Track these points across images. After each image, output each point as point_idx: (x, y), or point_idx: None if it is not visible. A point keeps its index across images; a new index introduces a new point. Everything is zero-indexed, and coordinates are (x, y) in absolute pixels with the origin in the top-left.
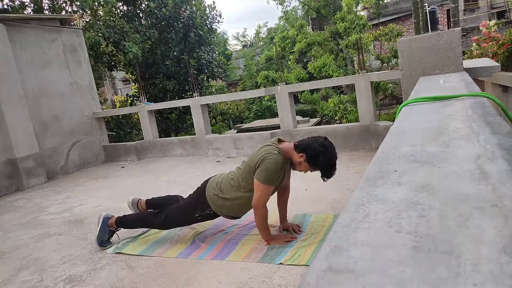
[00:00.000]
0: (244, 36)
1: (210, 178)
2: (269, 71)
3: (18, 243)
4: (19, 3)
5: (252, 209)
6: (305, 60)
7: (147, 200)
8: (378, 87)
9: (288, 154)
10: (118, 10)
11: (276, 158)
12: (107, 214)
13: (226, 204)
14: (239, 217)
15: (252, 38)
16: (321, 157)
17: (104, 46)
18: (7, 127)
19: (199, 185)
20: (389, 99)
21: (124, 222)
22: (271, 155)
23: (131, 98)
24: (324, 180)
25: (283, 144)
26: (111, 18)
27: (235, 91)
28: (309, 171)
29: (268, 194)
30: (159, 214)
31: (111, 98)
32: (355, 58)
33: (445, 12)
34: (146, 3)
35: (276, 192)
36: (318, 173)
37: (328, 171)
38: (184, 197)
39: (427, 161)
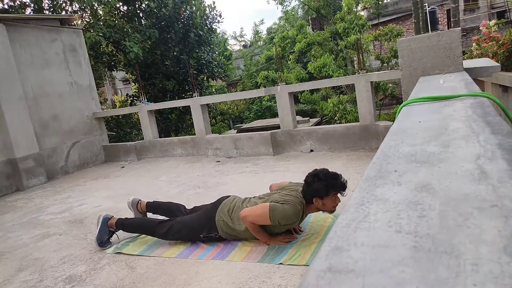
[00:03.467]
0: (242, 36)
1: (222, 199)
2: (269, 71)
3: (18, 243)
4: (19, 3)
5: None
6: (305, 60)
7: (148, 203)
8: (378, 87)
9: (310, 209)
10: (118, 10)
11: (296, 207)
12: (106, 214)
13: (234, 232)
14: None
15: (251, 38)
16: (315, 185)
17: (104, 46)
18: (7, 127)
19: (208, 204)
20: (389, 99)
21: (125, 225)
22: (294, 206)
23: (131, 98)
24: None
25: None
26: (112, 18)
27: (235, 91)
28: (336, 201)
29: (261, 222)
30: (163, 224)
31: (111, 98)
32: (355, 58)
33: (445, 12)
34: (146, 3)
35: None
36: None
37: (333, 185)
38: (187, 207)
39: (427, 161)
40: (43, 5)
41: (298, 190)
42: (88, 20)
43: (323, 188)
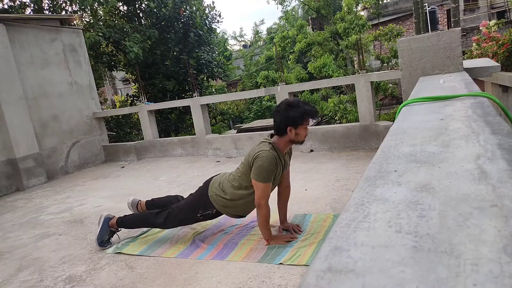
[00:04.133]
0: (242, 36)
1: (212, 177)
2: (269, 71)
3: (18, 243)
4: (19, 3)
5: (256, 208)
6: (305, 60)
7: (147, 201)
8: (378, 87)
9: (281, 144)
10: (118, 10)
11: (268, 154)
12: (108, 214)
13: (230, 204)
14: (244, 216)
15: (251, 38)
16: (291, 113)
17: (104, 46)
18: (7, 127)
19: (201, 185)
20: (389, 99)
21: (125, 222)
22: (264, 152)
23: (131, 98)
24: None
25: (275, 137)
26: (111, 18)
27: (235, 91)
28: (306, 130)
29: (267, 191)
30: (160, 213)
31: (111, 98)
32: (355, 58)
33: (445, 12)
34: (146, 3)
35: (276, 192)
36: (317, 174)
37: (308, 111)
38: (185, 197)
39: (427, 161)
40: (43, 5)
41: (263, 138)
42: (88, 20)
43: (299, 115)
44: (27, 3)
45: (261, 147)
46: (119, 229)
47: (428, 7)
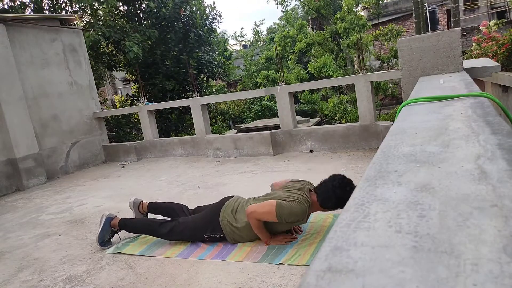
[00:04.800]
0: (242, 36)
1: (225, 199)
2: (269, 71)
3: (18, 243)
4: (19, 3)
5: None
6: (305, 60)
7: (150, 204)
8: (378, 87)
9: (314, 209)
10: (118, 10)
11: (303, 209)
12: (110, 214)
13: (239, 233)
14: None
15: (251, 38)
16: (335, 201)
17: (104, 46)
18: (7, 127)
19: (211, 203)
20: (389, 99)
21: (128, 225)
22: (301, 205)
23: (131, 98)
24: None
25: (313, 198)
26: (111, 18)
27: (235, 91)
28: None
29: (267, 219)
30: (165, 224)
31: (111, 98)
32: (355, 58)
33: (445, 12)
34: (146, 3)
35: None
36: (317, 174)
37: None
38: (189, 207)
39: (427, 161)
40: (43, 5)
41: (304, 189)
42: (88, 20)
43: (343, 202)
44: (27, 3)
45: (300, 196)
46: (121, 230)
47: (428, 7)
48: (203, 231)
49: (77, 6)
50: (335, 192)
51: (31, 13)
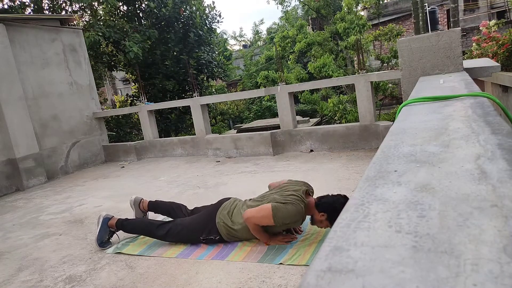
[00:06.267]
0: (242, 36)
1: (222, 201)
2: (269, 71)
3: (18, 243)
4: (19, 3)
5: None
6: (305, 60)
7: (150, 202)
8: (378, 87)
9: (310, 211)
10: (118, 10)
11: (299, 210)
12: (107, 214)
13: (236, 234)
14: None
15: (251, 38)
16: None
17: (104, 46)
18: (7, 127)
19: (209, 204)
20: (389, 99)
21: (125, 225)
22: (296, 205)
23: (131, 98)
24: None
25: (309, 199)
26: (111, 18)
27: (235, 91)
28: (328, 227)
29: (264, 223)
30: (163, 226)
31: (111, 98)
32: (355, 58)
33: (445, 12)
34: (146, 3)
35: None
36: (317, 174)
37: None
38: (189, 207)
39: (427, 161)
40: (43, 5)
41: (301, 190)
42: (87, 20)
43: (337, 215)
44: (27, 3)
45: (296, 199)
46: (118, 230)
47: (428, 7)
48: (199, 233)
49: (77, 6)
50: (335, 202)
51: (31, 13)
